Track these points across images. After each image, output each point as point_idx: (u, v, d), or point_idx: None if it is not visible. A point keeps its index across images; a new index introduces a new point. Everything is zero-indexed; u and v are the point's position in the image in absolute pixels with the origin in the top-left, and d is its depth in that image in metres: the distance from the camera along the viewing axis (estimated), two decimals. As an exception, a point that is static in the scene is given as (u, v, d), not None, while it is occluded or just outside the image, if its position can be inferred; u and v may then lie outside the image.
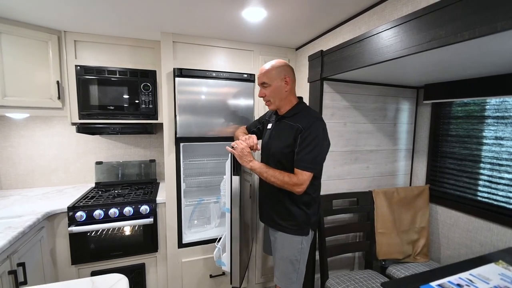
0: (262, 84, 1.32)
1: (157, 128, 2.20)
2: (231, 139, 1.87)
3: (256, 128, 1.61)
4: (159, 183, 2.22)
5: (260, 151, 1.44)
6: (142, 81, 1.84)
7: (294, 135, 1.23)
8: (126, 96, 1.82)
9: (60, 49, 1.72)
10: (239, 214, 1.29)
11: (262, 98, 1.37)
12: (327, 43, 1.63)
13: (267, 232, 1.51)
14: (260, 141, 1.50)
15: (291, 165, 1.24)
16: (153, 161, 2.26)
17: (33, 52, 1.64)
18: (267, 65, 1.32)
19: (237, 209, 1.28)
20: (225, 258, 1.39)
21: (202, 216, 2.11)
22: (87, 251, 1.64)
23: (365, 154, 1.83)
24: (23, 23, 1.58)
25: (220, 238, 1.58)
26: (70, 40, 1.72)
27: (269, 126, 1.43)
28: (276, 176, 1.22)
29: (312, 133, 1.19)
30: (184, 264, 1.80)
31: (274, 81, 1.29)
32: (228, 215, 1.31)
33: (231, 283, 1.33)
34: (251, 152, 1.32)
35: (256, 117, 1.90)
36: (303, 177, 1.18)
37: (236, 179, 1.27)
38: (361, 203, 1.74)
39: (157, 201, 1.78)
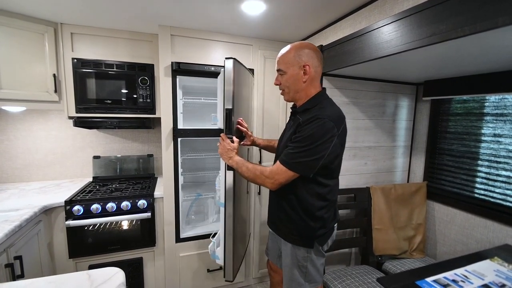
0: (278, 71, 1.14)
1: (155, 123, 2.18)
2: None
3: None
4: (157, 178, 2.22)
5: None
6: (139, 75, 1.82)
7: (294, 131, 1.08)
8: (123, 90, 1.80)
9: (56, 41, 1.69)
10: (232, 208, 1.29)
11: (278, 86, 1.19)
12: (327, 37, 1.62)
13: (271, 239, 1.40)
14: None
15: None
16: (151, 155, 2.25)
17: (29, 44, 1.61)
18: (286, 48, 1.12)
19: (231, 204, 1.28)
20: (220, 252, 1.39)
21: (199, 211, 2.12)
22: (85, 245, 1.64)
23: (364, 151, 1.83)
24: (18, 15, 1.56)
25: (215, 233, 1.59)
26: (67, 33, 1.70)
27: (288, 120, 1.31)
28: (249, 168, 1.11)
29: (307, 129, 1.00)
30: (181, 259, 1.81)
31: (291, 68, 1.09)
32: (222, 209, 1.32)
33: (224, 277, 1.33)
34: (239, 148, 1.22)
35: (255, 112, 1.89)
36: (276, 169, 1.04)
37: (230, 173, 1.26)
38: (359, 199, 1.75)
39: (155, 196, 1.78)
